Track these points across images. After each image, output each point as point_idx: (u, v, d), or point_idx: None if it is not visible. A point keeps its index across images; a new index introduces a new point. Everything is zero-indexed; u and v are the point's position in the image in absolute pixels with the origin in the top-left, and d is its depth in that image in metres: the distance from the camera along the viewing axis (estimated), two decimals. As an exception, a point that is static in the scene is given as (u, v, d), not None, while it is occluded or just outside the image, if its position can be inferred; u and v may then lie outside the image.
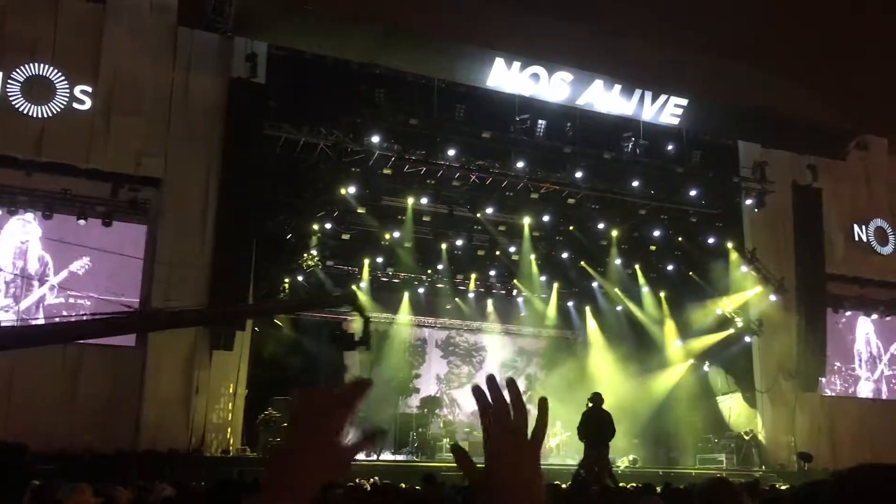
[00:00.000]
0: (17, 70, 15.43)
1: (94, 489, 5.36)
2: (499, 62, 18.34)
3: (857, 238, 22.58)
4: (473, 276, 22.88)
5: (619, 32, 19.82)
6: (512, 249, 21.77)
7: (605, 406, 13.73)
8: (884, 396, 22.92)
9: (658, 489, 9.39)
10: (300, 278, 20.37)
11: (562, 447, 20.50)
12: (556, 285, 23.64)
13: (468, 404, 23.51)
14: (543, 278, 23.18)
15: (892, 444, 21.64)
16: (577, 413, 14.26)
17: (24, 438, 3.11)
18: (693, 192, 20.76)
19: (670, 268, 22.59)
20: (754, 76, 20.94)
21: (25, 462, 2.68)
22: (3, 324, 15.14)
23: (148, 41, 16.45)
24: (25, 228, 15.76)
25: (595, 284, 23.56)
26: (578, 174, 19.65)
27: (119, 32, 16.20)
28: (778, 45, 23.50)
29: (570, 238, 21.91)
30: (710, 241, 21.66)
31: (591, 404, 13.70)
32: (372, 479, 12.09)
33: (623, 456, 18.94)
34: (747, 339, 21.47)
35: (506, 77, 18.52)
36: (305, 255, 19.58)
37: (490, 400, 1.41)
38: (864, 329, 23.13)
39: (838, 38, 23.03)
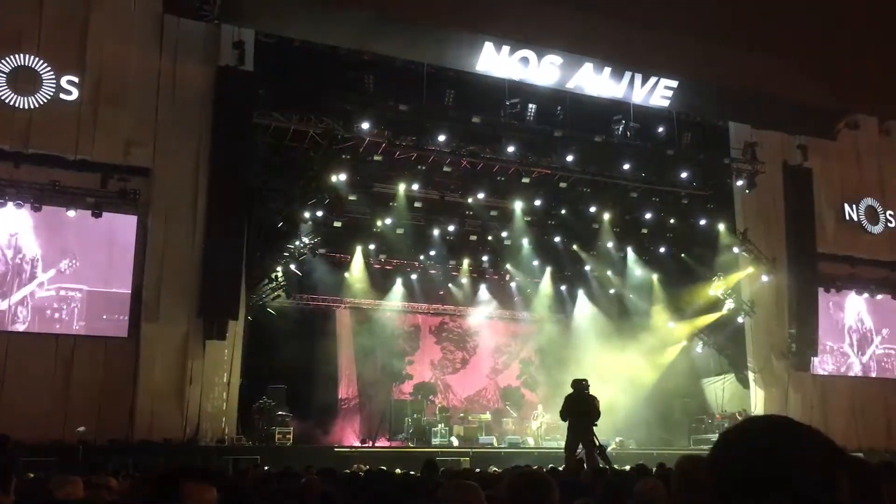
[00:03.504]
0: (3, 61, 15.27)
1: (85, 481, 5.37)
2: (488, 46, 18.24)
3: (847, 217, 22.63)
4: (466, 261, 22.92)
5: (608, 14, 19.70)
6: (504, 234, 21.79)
7: (595, 389, 13.67)
8: (874, 375, 23.04)
9: (652, 470, 9.41)
10: (292, 266, 20.34)
11: (546, 429, 20.42)
12: (548, 269, 23.70)
13: (462, 390, 23.59)
14: (536, 262, 23.23)
15: (883, 422, 21.83)
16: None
17: (19, 430, 3.11)
18: (684, 174, 20.81)
19: (662, 250, 22.64)
20: (744, 57, 20.89)
21: (8, 452, 2.67)
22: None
23: (134, 30, 16.31)
24: (16, 219, 15.64)
25: (587, 268, 23.63)
26: (569, 158, 19.68)
27: (105, 21, 16.05)
28: (767, 24, 23.44)
29: (561, 222, 21.94)
30: (702, 222, 21.74)
31: (573, 390, 13.67)
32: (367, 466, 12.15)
33: (612, 438, 18.94)
34: (739, 319, 21.58)
35: (495, 61, 18.42)
36: (297, 242, 19.55)
37: None
38: (856, 308, 23.22)
39: (827, 17, 22.99)
